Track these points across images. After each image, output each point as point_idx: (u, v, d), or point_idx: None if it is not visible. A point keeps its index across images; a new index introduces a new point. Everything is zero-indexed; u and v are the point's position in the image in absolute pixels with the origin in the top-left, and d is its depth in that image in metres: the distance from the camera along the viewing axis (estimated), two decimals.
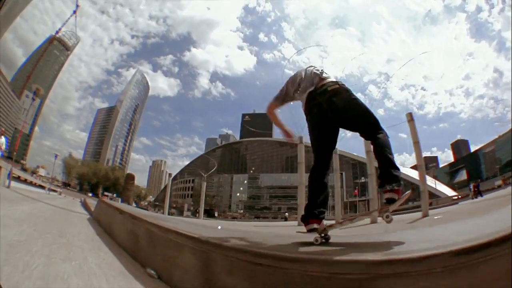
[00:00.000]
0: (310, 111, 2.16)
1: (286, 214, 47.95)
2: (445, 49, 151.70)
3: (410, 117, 6.78)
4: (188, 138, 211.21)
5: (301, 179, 7.80)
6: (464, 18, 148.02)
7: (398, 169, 1.84)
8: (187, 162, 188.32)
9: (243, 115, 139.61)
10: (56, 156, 33.45)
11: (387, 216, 1.72)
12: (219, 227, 4.04)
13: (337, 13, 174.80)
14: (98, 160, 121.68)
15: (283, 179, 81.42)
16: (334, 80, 2.19)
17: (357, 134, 2.12)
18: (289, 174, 79.20)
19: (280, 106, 2.55)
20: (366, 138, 2.06)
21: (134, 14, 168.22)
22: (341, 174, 74.44)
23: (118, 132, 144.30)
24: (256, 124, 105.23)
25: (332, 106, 2.03)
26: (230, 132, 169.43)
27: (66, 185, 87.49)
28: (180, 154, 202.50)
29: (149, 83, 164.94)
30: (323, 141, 2.13)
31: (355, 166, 78.62)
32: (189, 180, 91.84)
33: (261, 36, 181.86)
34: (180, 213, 65.51)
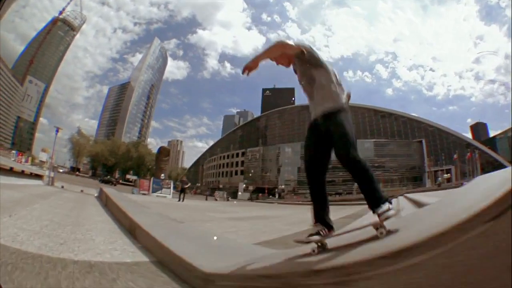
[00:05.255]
0: (313, 126, 2.15)
1: None
2: (453, 30, 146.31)
3: None
4: (196, 119, 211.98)
5: None
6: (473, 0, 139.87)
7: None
8: (197, 143, 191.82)
9: (264, 90, 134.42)
10: (57, 130, 22.60)
11: (381, 233, 1.64)
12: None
13: None
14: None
15: (366, 147, 70.08)
16: (343, 105, 2.13)
17: None
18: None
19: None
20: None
21: (134, 3, 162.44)
22: (420, 141, 64.81)
23: (135, 107, 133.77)
24: (277, 98, 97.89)
25: (328, 134, 2.02)
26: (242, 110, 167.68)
27: (74, 170, 72.45)
28: (190, 135, 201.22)
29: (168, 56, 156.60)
30: (315, 150, 2.13)
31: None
32: (236, 154, 79.28)
33: (264, 16, 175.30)
34: (231, 195, 51.63)
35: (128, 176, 68.87)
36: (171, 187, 23.93)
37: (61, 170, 62.47)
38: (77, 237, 3.46)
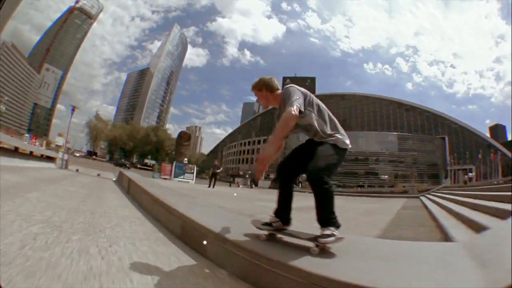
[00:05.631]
0: (308, 141, 2.21)
1: None
2: (475, 27, 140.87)
3: None
4: (215, 106, 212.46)
5: None
6: None
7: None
8: (216, 130, 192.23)
9: (284, 78, 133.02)
10: (72, 109, 21.38)
11: (314, 250, 1.77)
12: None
13: None
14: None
15: (390, 140, 68.23)
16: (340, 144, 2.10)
17: None
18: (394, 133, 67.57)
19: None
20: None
21: None
22: (443, 138, 64.04)
23: (155, 92, 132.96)
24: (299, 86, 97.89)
25: (311, 152, 2.07)
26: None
27: (91, 154, 71.64)
28: (208, 121, 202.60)
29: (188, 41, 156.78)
30: (295, 158, 2.22)
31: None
32: (257, 141, 77.90)
33: (284, 5, 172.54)
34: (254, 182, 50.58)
35: (146, 161, 68.18)
36: (194, 172, 22.74)
37: (77, 154, 62.27)
38: (93, 266, 1.57)
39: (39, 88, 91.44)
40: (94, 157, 68.66)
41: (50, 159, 12.90)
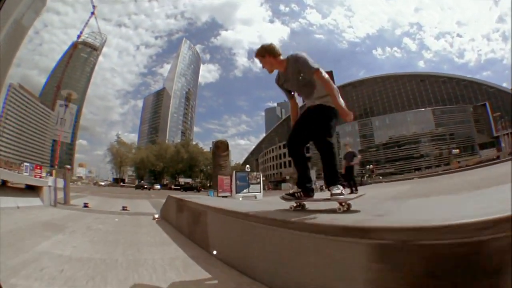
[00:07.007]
0: (305, 110, 2.39)
1: None
2: None
3: None
4: (235, 118, 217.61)
5: None
6: None
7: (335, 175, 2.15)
8: (240, 141, 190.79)
9: None
10: (66, 100, 13.49)
11: (339, 209, 1.91)
12: None
13: None
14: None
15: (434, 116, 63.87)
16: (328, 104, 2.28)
17: None
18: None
19: None
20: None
21: (151, 18, 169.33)
22: (484, 105, 58.69)
23: (176, 110, 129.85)
24: None
25: (309, 121, 2.29)
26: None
27: (118, 181, 67.51)
28: (231, 134, 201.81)
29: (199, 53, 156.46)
30: (300, 129, 2.36)
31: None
32: None
33: (282, 7, 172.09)
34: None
35: (181, 180, 63.96)
36: (261, 182, 17.17)
37: (102, 183, 58.69)
38: None
39: (56, 124, 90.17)
40: (121, 183, 64.91)
41: (33, 189, 7.08)
